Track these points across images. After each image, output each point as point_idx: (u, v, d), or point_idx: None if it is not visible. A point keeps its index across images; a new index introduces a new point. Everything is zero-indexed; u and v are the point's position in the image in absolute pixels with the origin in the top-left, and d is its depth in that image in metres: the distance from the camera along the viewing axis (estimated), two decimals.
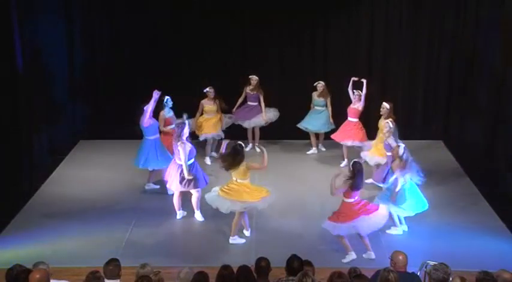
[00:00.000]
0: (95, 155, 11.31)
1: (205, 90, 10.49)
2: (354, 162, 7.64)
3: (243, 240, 8.13)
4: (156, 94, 9.10)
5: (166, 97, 9.69)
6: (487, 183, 9.87)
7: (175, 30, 11.53)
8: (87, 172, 10.51)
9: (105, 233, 8.33)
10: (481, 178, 10.07)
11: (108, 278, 5.34)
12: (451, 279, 5.23)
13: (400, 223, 8.29)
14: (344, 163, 10.33)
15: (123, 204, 9.27)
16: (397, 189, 7.95)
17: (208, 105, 10.55)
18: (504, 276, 5.23)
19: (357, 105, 10.24)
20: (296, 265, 5.41)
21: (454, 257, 7.08)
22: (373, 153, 9.52)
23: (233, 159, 7.84)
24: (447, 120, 12.03)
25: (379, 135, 9.55)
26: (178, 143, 8.34)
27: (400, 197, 8.00)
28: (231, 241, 8.08)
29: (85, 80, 11.83)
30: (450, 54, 11.63)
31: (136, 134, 9.54)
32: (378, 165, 9.38)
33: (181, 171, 8.40)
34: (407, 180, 8.06)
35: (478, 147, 11.00)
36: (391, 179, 8.13)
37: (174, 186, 8.57)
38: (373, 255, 7.65)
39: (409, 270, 5.71)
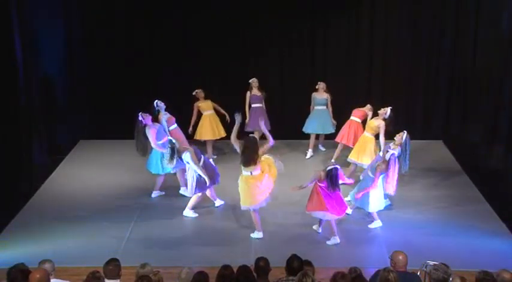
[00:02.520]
0: (95, 155, 11.32)
1: (194, 93, 10.56)
2: (329, 169, 7.75)
3: (260, 235, 8.20)
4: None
5: (156, 101, 9.65)
6: (487, 183, 9.87)
7: (175, 30, 11.54)
8: (87, 172, 10.51)
9: (105, 233, 8.33)
10: (481, 178, 10.07)
11: (108, 278, 5.34)
12: (451, 279, 5.23)
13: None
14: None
15: (123, 204, 9.26)
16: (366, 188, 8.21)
17: (203, 103, 10.61)
18: (504, 276, 5.23)
19: (368, 111, 10.10)
20: (296, 265, 5.40)
21: (454, 257, 7.09)
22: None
23: (251, 151, 7.84)
24: (447, 120, 12.04)
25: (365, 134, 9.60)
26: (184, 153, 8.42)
27: (364, 196, 8.28)
28: (253, 236, 8.20)
29: (85, 80, 11.83)
30: (450, 54, 11.64)
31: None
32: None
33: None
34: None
35: (478, 147, 11.00)
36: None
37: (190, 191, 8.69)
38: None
39: (409, 269, 5.71)
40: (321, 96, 10.81)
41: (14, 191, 9.40)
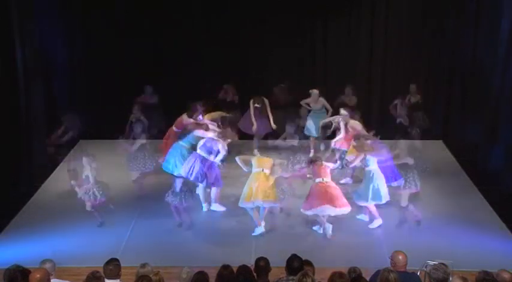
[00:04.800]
0: (95, 155, 11.28)
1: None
2: (311, 159, 8.17)
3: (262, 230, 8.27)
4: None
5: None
6: (487, 183, 9.87)
7: (176, 30, 11.54)
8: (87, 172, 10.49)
9: (105, 233, 8.34)
10: (481, 178, 10.07)
11: (108, 278, 5.35)
12: (451, 279, 5.24)
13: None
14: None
15: (123, 204, 9.26)
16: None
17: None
18: (504, 276, 5.24)
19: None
20: (296, 265, 5.41)
21: (454, 257, 7.08)
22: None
23: None
24: (447, 120, 12.03)
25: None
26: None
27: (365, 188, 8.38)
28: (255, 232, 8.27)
29: (85, 80, 11.83)
30: (450, 54, 11.64)
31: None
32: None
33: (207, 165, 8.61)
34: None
35: (478, 147, 11.00)
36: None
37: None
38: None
39: (409, 269, 5.71)
40: (315, 104, 10.76)
41: (14, 191, 9.39)
